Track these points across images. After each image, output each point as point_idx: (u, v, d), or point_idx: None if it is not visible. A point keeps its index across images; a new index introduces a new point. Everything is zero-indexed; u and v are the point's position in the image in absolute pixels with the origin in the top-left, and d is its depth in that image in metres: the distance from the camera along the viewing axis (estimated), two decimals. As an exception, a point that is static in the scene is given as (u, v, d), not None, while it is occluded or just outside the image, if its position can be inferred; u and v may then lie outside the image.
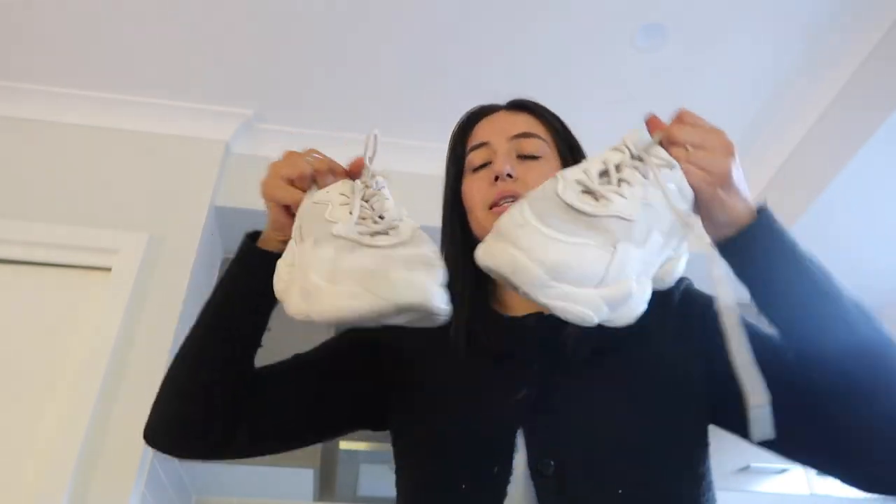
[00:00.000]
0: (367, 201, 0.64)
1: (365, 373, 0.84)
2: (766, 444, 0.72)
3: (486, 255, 0.56)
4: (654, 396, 0.70)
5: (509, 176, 0.81)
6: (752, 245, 0.63)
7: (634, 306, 0.56)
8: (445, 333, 0.82)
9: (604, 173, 0.58)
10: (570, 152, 0.87)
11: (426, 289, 0.56)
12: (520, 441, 0.69)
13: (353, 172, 0.73)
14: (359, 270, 0.55)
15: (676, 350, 0.75)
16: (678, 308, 0.79)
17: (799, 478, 2.33)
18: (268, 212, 0.73)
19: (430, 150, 2.41)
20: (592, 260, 0.53)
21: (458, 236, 0.87)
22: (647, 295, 0.58)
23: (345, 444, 2.18)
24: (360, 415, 0.85)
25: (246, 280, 0.75)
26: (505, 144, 0.85)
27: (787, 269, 0.62)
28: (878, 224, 2.36)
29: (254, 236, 0.78)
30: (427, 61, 2.17)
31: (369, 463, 2.24)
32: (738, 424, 0.74)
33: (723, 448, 0.78)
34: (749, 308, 0.74)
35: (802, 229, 2.33)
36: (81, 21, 2.06)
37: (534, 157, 0.84)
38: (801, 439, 0.67)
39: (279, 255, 0.71)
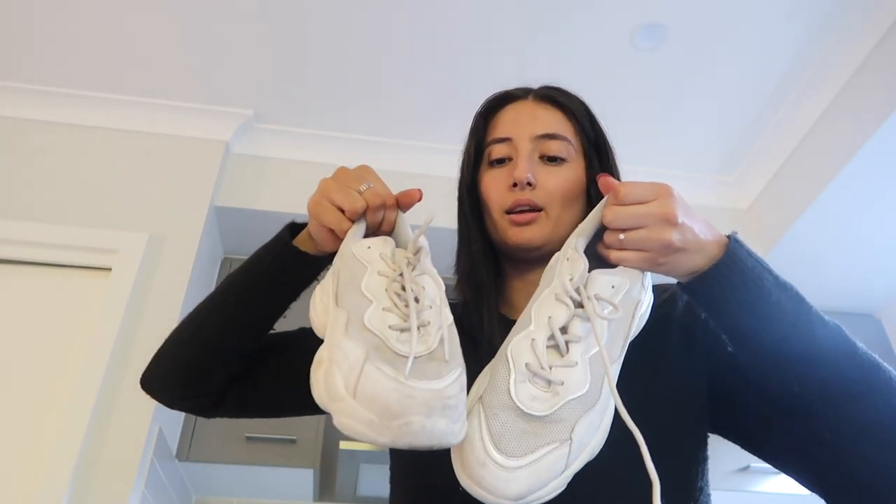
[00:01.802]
0: (403, 286, 0.62)
1: None
2: (758, 455, 0.73)
3: (473, 491, 0.58)
4: (657, 410, 0.69)
5: (529, 184, 0.78)
6: (713, 287, 0.62)
7: (603, 435, 0.59)
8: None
9: (550, 337, 0.59)
10: (596, 153, 0.83)
11: (442, 436, 0.56)
12: None
13: (403, 205, 0.72)
14: (380, 402, 0.55)
15: (681, 361, 0.74)
16: (682, 317, 0.78)
17: (799, 478, 2.33)
18: (311, 226, 0.73)
19: (430, 150, 2.41)
20: (552, 467, 0.56)
21: (477, 233, 0.84)
22: (610, 408, 0.60)
23: (345, 445, 2.18)
24: None
25: (276, 271, 0.76)
26: (528, 144, 0.80)
27: (752, 309, 0.61)
28: (877, 224, 2.36)
29: (292, 228, 0.77)
30: (427, 62, 2.17)
31: (369, 463, 2.24)
32: (734, 433, 0.75)
33: (723, 448, 0.78)
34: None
35: (803, 229, 2.33)
36: (81, 21, 2.06)
37: (557, 161, 0.80)
38: (783, 456, 0.69)
39: (312, 258, 0.73)
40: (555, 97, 0.86)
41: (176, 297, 1.99)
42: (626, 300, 0.61)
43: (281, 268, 0.76)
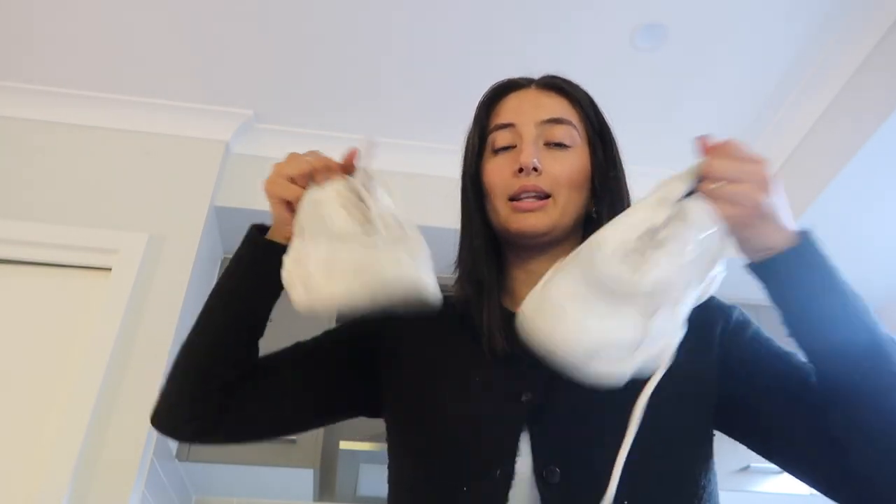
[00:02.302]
0: (360, 199, 0.68)
1: (361, 362, 0.83)
2: (768, 457, 0.72)
3: (530, 328, 0.59)
4: (663, 407, 0.68)
5: (535, 170, 0.76)
6: (784, 270, 0.62)
7: (671, 351, 0.59)
8: (448, 326, 0.81)
9: (648, 232, 0.59)
10: (600, 140, 0.82)
11: (414, 277, 0.61)
12: (523, 445, 0.68)
13: (348, 166, 0.73)
14: (351, 263, 0.62)
15: (691, 360, 0.70)
16: (697, 318, 0.77)
17: (799, 478, 2.33)
18: (271, 209, 0.75)
19: (430, 150, 2.41)
20: (630, 334, 0.56)
21: (480, 226, 0.82)
22: (682, 331, 0.60)
23: (345, 444, 2.18)
24: (353, 404, 0.85)
25: (252, 268, 0.77)
26: (532, 130, 0.79)
27: (820, 298, 0.62)
28: (877, 224, 2.36)
29: (260, 229, 0.78)
30: (427, 62, 2.17)
31: (369, 463, 2.24)
32: (739, 431, 0.74)
33: (723, 448, 0.78)
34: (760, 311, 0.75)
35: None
36: (81, 21, 2.06)
37: (562, 147, 0.79)
38: (803, 457, 0.68)
39: (283, 247, 0.72)
40: (559, 84, 0.85)
41: (176, 297, 1.99)
42: (712, 246, 0.60)
43: (256, 261, 0.76)
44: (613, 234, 0.60)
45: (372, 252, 0.63)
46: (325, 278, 0.63)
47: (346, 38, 2.10)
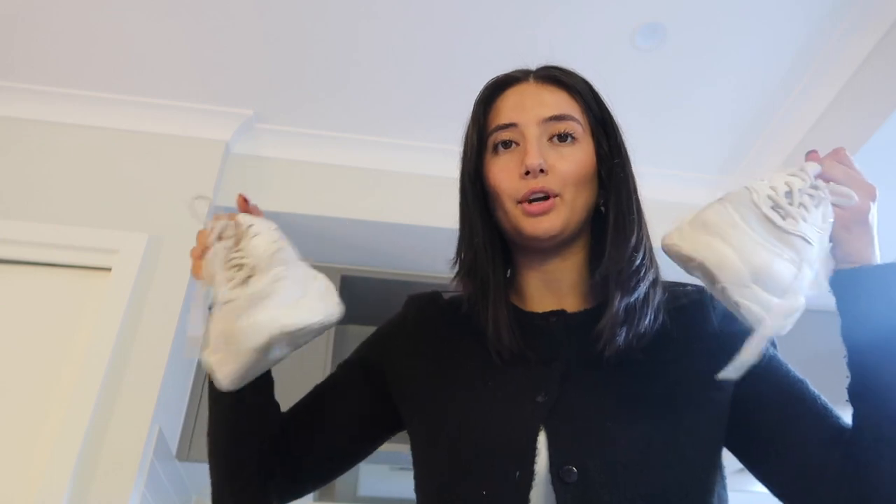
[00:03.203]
0: (231, 259, 0.72)
1: (378, 384, 0.84)
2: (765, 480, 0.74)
3: (689, 244, 0.59)
4: (678, 409, 0.68)
5: (542, 171, 0.75)
6: (862, 284, 0.64)
7: (793, 321, 0.59)
8: (457, 329, 0.81)
9: (787, 194, 0.61)
10: (603, 130, 0.81)
11: (273, 325, 0.64)
12: (541, 445, 0.67)
13: (223, 226, 0.79)
14: (218, 337, 0.66)
15: (709, 367, 0.69)
16: (720, 325, 0.76)
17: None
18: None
19: (430, 150, 2.41)
20: (784, 271, 0.57)
21: (480, 225, 0.80)
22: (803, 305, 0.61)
23: (345, 444, 2.17)
24: (390, 425, 0.86)
25: (230, 408, 0.78)
26: (535, 129, 0.77)
27: (886, 318, 0.63)
28: (877, 223, 2.36)
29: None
30: (427, 61, 2.17)
31: (369, 463, 2.22)
32: (743, 454, 0.75)
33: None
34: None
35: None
36: (81, 21, 2.06)
37: (566, 142, 0.78)
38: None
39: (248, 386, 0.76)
40: (558, 77, 0.84)
41: (176, 297, 1.99)
42: (826, 239, 0.63)
43: (223, 405, 0.77)
44: (761, 185, 0.61)
45: (228, 316, 0.66)
46: (212, 357, 0.68)
47: (345, 38, 2.10)
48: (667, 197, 2.55)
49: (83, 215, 2.08)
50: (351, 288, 2.46)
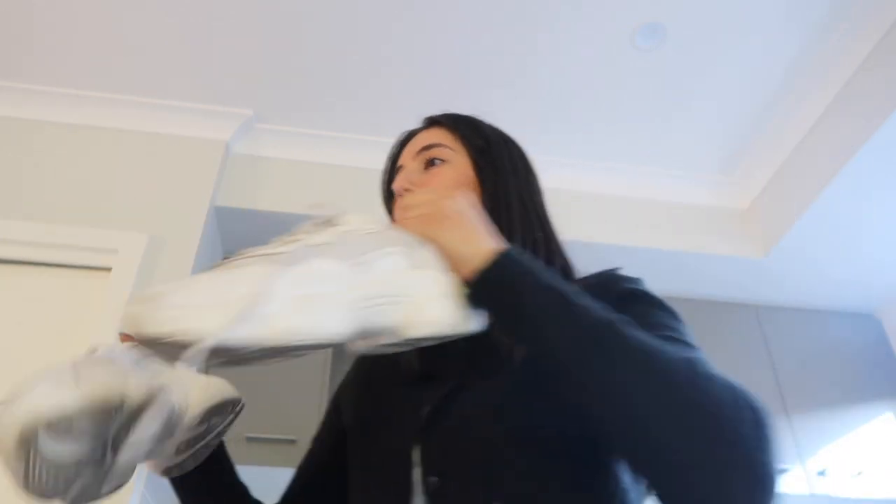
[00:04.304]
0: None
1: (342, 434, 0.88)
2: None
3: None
4: (552, 405, 0.65)
5: (408, 191, 0.82)
6: (485, 287, 0.62)
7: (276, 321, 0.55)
8: (389, 357, 0.80)
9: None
10: (480, 152, 0.87)
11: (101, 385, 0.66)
12: (416, 457, 0.69)
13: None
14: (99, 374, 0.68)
15: None
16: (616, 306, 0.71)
17: (799, 477, 2.33)
18: None
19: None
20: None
21: None
22: (325, 318, 0.56)
23: (345, 444, 2.18)
24: None
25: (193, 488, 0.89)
26: (412, 163, 0.87)
27: (521, 311, 0.61)
28: (877, 224, 2.36)
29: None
30: (426, 62, 2.17)
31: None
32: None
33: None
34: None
35: (803, 229, 2.33)
36: (81, 21, 2.06)
37: (435, 165, 0.85)
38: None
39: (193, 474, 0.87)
40: (434, 118, 0.94)
41: (176, 297, 1.99)
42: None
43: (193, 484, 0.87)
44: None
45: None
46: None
47: (346, 38, 2.10)
48: (667, 197, 2.55)
49: (83, 215, 2.08)
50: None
